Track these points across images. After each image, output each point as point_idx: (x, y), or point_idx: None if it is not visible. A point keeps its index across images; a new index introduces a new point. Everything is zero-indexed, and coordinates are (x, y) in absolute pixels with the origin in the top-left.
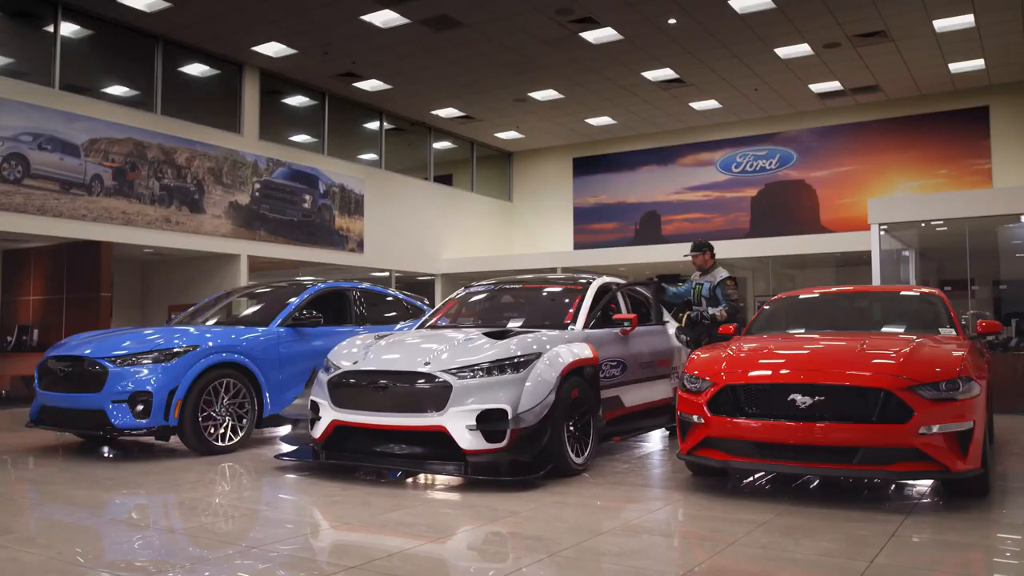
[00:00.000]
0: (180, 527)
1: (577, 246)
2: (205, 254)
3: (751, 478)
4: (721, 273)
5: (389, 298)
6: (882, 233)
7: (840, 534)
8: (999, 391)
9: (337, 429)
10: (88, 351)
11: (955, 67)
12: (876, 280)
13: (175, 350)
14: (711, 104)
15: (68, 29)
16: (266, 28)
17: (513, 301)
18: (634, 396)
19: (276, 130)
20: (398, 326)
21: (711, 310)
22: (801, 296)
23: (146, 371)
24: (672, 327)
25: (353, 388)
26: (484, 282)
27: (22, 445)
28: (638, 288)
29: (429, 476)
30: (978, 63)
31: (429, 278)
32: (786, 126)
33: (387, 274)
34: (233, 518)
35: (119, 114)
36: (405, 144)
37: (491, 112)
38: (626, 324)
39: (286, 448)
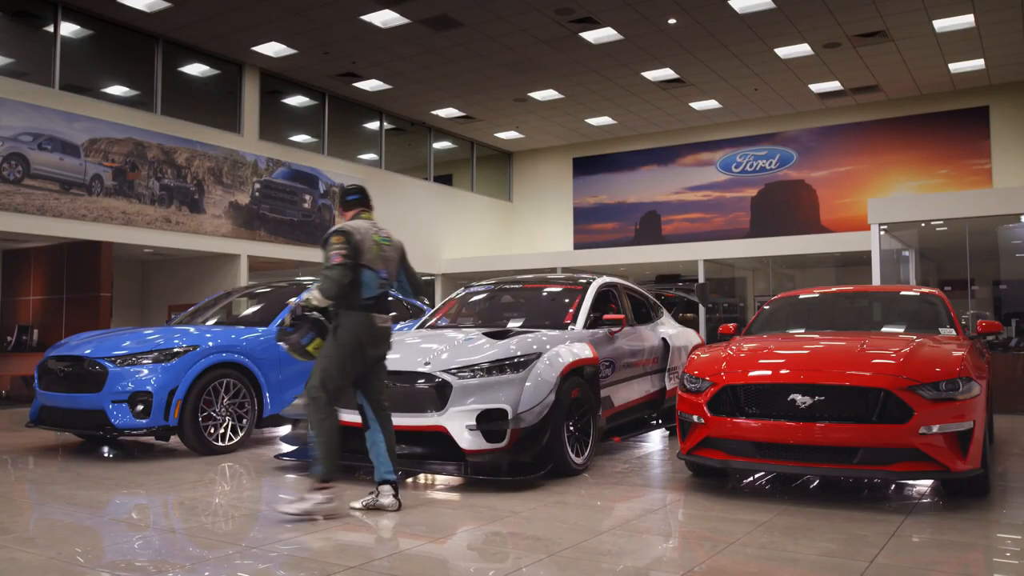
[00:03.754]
0: (180, 527)
1: (577, 246)
2: (205, 254)
3: (751, 478)
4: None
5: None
6: (882, 233)
7: (840, 534)
8: (999, 391)
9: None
10: (88, 351)
11: (955, 67)
12: (876, 280)
13: (175, 350)
14: (711, 104)
15: (68, 29)
16: (266, 28)
17: (513, 301)
18: (622, 395)
19: (276, 130)
20: (398, 326)
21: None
22: (801, 296)
23: (146, 371)
24: (664, 326)
25: None
26: (484, 282)
27: (22, 445)
28: (637, 288)
29: (429, 476)
30: (978, 63)
31: (429, 278)
32: (786, 126)
33: None
34: (233, 518)
35: (119, 114)
36: (405, 144)
37: (491, 112)
38: (615, 324)
39: (286, 448)
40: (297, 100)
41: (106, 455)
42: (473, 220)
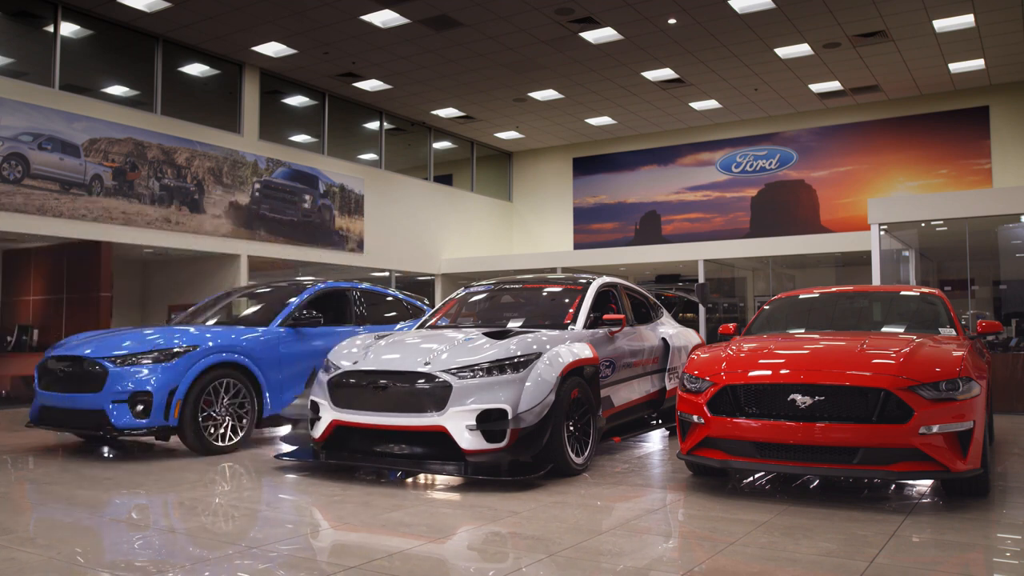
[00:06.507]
0: (180, 527)
1: (577, 246)
2: (205, 254)
3: (751, 478)
4: None
5: (389, 298)
6: (882, 233)
7: (840, 534)
8: (999, 391)
9: (337, 429)
10: (88, 351)
11: (955, 67)
12: (876, 280)
13: (175, 350)
14: (711, 104)
15: (68, 29)
16: (266, 28)
17: (513, 301)
18: (622, 395)
19: (276, 130)
20: (398, 326)
21: None
22: (801, 296)
23: (146, 371)
24: (664, 326)
25: (353, 388)
26: (484, 282)
27: (22, 445)
28: (637, 288)
29: (429, 476)
30: (978, 63)
31: (429, 278)
32: (786, 126)
33: (387, 274)
34: (233, 518)
35: (119, 114)
36: (405, 144)
37: (491, 112)
38: (615, 324)
39: (286, 448)
40: (297, 100)
41: (106, 455)
42: (473, 220)
